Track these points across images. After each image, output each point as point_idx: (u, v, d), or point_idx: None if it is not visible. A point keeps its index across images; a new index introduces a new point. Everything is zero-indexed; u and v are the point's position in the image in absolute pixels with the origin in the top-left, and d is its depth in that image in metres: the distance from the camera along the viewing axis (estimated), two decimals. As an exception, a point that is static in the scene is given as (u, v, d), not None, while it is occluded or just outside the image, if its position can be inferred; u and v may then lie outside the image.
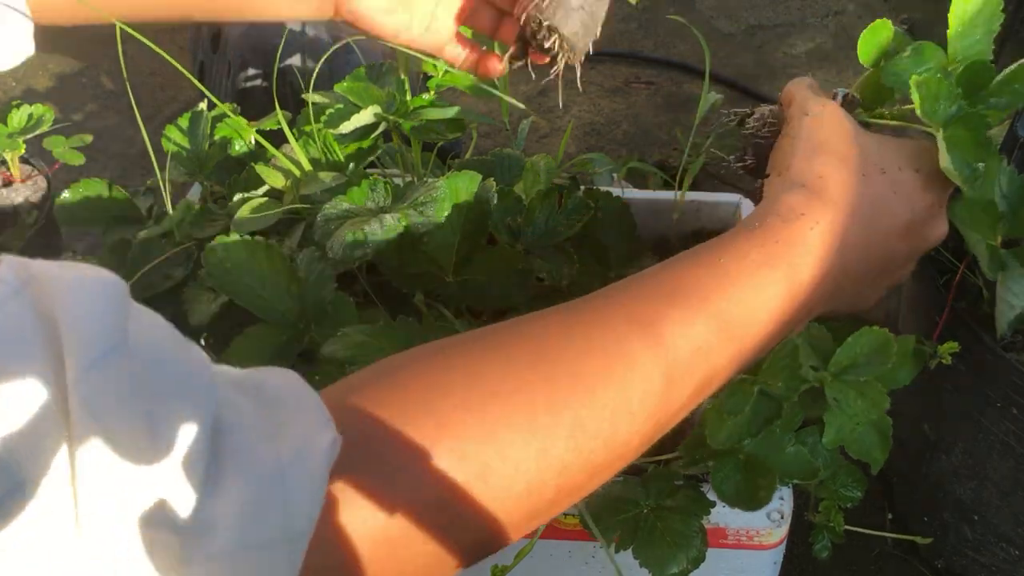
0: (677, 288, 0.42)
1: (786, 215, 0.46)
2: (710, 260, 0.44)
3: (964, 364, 0.69)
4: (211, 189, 0.74)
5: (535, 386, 0.37)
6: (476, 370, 0.37)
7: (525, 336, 0.40)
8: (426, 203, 0.55)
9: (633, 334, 0.40)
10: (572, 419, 0.37)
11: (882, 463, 0.58)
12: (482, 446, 0.35)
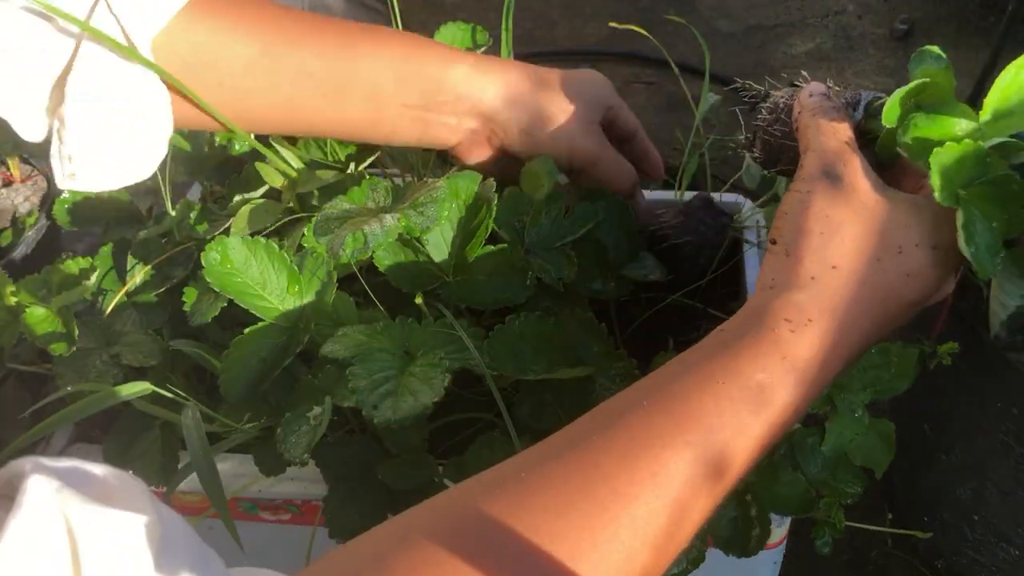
0: (678, 426, 0.40)
1: (795, 321, 0.43)
2: (712, 385, 0.41)
3: (964, 364, 0.69)
4: (211, 189, 0.74)
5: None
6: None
7: (522, 512, 0.38)
8: (426, 203, 0.55)
9: (638, 494, 0.38)
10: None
11: (885, 467, 0.58)
12: None
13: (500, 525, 0.37)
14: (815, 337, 0.43)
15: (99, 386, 0.55)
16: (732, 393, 0.41)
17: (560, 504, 0.38)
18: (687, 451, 0.39)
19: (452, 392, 0.54)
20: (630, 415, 0.41)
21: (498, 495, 0.38)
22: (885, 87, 0.52)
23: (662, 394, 0.42)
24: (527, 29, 1.73)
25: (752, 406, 0.41)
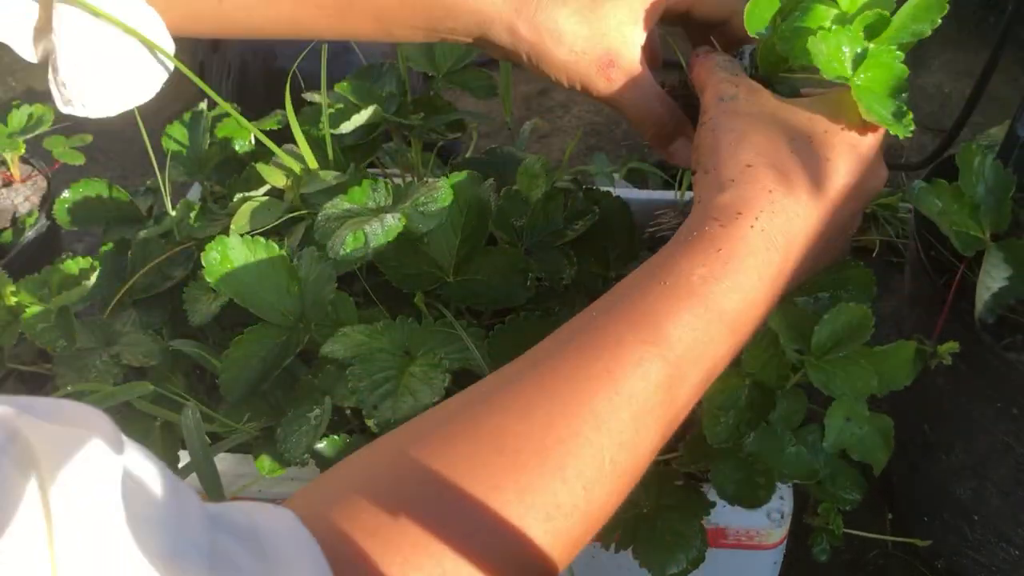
0: (631, 326, 0.41)
1: (723, 218, 0.44)
2: (656, 285, 0.43)
3: (964, 364, 0.69)
4: (211, 189, 0.74)
5: (504, 479, 0.37)
6: (442, 477, 0.37)
7: (487, 416, 0.39)
8: (426, 203, 0.55)
9: (597, 390, 0.39)
10: (545, 503, 0.37)
11: (884, 463, 0.58)
12: (458, 561, 0.35)
13: (465, 434, 0.38)
14: (744, 226, 0.44)
15: (99, 386, 0.55)
16: (678, 292, 0.42)
17: (522, 407, 0.39)
18: (640, 347, 0.40)
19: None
20: (586, 329, 0.42)
21: (464, 414, 0.40)
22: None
23: (613, 304, 0.43)
24: (527, 29, 1.73)
25: (696, 300, 0.42)
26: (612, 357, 0.40)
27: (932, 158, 1.07)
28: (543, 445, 0.38)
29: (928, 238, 0.75)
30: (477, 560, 0.35)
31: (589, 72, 0.53)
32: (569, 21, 0.52)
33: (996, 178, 0.64)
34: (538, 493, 0.37)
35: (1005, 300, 0.63)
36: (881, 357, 0.56)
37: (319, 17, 0.54)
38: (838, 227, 0.48)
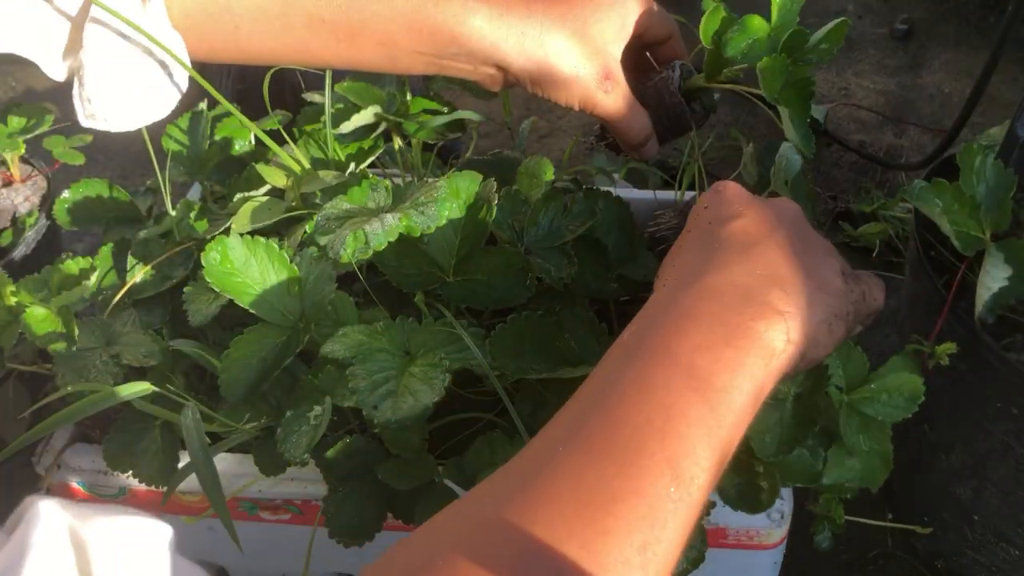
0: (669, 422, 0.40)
1: (768, 316, 0.44)
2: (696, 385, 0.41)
3: (964, 364, 0.69)
4: (211, 189, 0.74)
5: (592, 541, 0.36)
6: (529, 536, 0.36)
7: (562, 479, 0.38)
8: (426, 203, 0.55)
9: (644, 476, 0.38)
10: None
11: (881, 483, 0.59)
12: None
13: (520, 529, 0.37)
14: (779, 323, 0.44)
15: (99, 386, 0.55)
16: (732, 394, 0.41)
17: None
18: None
19: (452, 392, 0.54)
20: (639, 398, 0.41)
21: (516, 497, 0.38)
22: (885, 87, 0.53)
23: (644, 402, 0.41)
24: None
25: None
26: (662, 429, 0.39)
27: (932, 158, 1.07)
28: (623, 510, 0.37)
29: (928, 238, 0.75)
30: None
31: (589, 85, 0.59)
32: (568, 42, 0.58)
33: (997, 178, 0.64)
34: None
35: (1005, 300, 0.63)
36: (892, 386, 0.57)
37: (330, 43, 0.58)
38: (831, 306, 0.48)
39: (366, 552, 0.59)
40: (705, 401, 0.40)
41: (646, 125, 0.63)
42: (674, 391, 0.40)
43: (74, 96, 0.55)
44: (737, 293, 0.44)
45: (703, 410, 0.40)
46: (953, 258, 0.71)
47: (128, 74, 0.54)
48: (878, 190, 1.34)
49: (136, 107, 0.55)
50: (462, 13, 0.57)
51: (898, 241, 1.22)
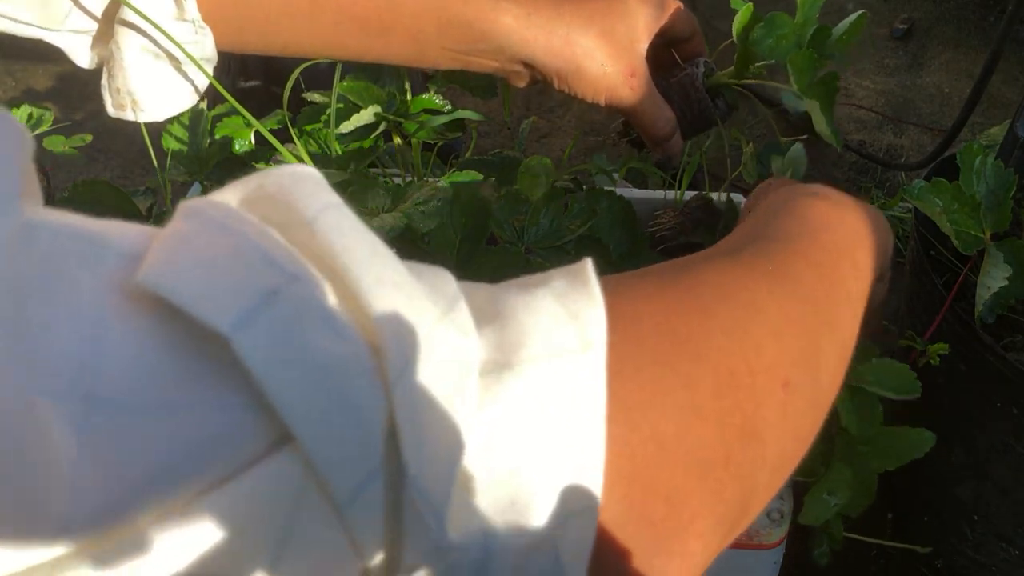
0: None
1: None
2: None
3: (964, 364, 0.69)
4: (211, 189, 0.74)
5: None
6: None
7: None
8: (426, 203, 0.55)
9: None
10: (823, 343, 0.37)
11: (863, 508, 0.59)
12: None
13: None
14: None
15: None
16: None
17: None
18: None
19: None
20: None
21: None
22: (885, 87, 0.53)
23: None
24: (527, 29, 1.73)
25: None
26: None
27: (932, 158, 1.07)
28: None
29: (928, 238, 0.75)
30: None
31: (616, 83, 0.61)
32: (596, 42, 0.60)
33: (997, 178, 0.64)
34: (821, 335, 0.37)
35: (1005, 300, 0.63)
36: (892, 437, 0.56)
37: (360, 37, 0.59)
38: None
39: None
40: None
41: (671, 120, 0.65)
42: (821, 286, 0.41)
43: (103, 87, 0.56)
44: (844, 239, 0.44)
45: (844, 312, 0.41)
46: (953, 258, 0.71)
47: (158, 65, 0.55)
48: (878, 190, 1.34)
49: (166, 96, 0.57)
50: (493, 11, 0.58)
51: (898, 241, 1.22)
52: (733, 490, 0.30)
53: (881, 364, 0.55)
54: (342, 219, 0.23)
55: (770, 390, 0.33)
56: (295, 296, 0.21)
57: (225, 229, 0.22)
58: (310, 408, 0.19)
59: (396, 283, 0.23)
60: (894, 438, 0.56)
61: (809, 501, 0.56)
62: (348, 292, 0.22)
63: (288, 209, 0.24)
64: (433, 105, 0.70)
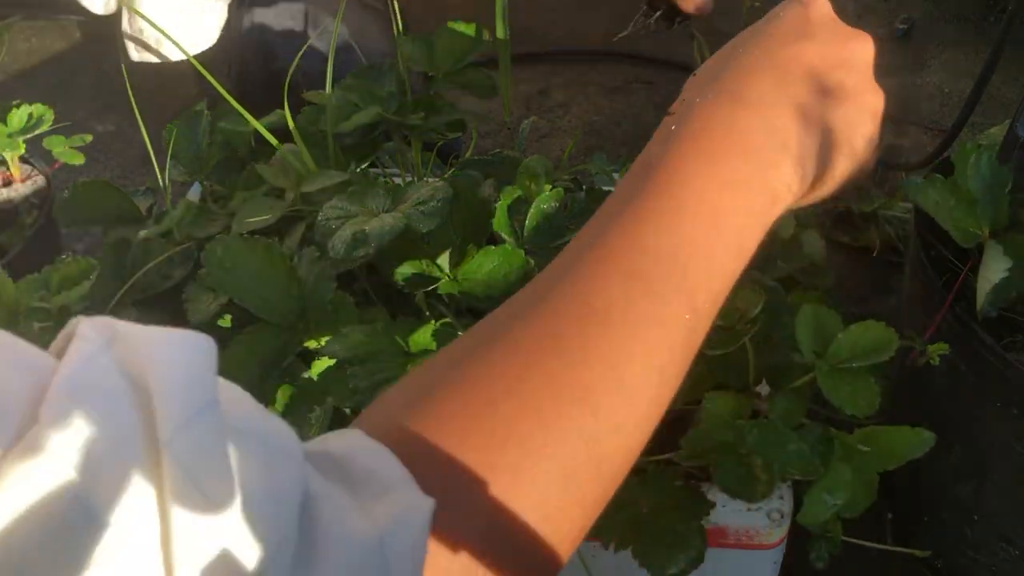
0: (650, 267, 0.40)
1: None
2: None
3: (964, 364, 0.69)
4: (211, 189, 0.74)
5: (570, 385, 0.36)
6: (508, 375, 0.36)
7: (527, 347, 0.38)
8: (426, 203, 0.55)
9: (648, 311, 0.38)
10: (606, 406, 0.37)
11: (864, 508, 0.58)
12: (533, 452, 0.35)
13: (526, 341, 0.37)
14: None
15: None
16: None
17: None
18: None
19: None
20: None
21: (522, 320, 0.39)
22: (885, 87, 0.53)
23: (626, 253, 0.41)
24: (527, 27, 1.73)
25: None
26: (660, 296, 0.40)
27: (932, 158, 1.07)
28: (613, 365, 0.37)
29: (928, 237, 0.75)
30: (550, 462, 0.35)
31: None
32: None
33: (993, 175, 0.64)
34: (603, 410, 0.36)
35: (1006, 293, 0.63)
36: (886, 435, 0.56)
37: None
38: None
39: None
40: (722, 241, 0.41)
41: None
42: (699, 227, 0.40)
43: (124, 30, 0.56)
44: (761, 137, 0.44)
45: (719, 248, 0.41)
46: (953, 257, 0.71)
47: (179, 5, 0.54)
48: (878, 190, 1.34)
49: (186, 36, 0.57)
50: None
51: (898, 241, 1.22)
52: None
53: (849, 334, 0.54)
54: (194, 448, 0.26)
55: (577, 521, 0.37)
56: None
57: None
58: None
59: (211, 544, 0.25)
60: (894, 438, 0.55)
61: (808, 501, 0.56)
62: (167, 542, 0.25)
63: (153, 408, 0.26)
64: (433, 105, 0.70)
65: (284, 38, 1.12)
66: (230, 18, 1.17)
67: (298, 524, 0.28)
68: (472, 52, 0.69)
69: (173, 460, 0.25)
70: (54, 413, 0.24)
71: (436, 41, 0.70)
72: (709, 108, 0.45)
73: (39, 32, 1.81)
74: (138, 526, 0.24)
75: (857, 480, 0.56)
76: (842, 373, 0.54)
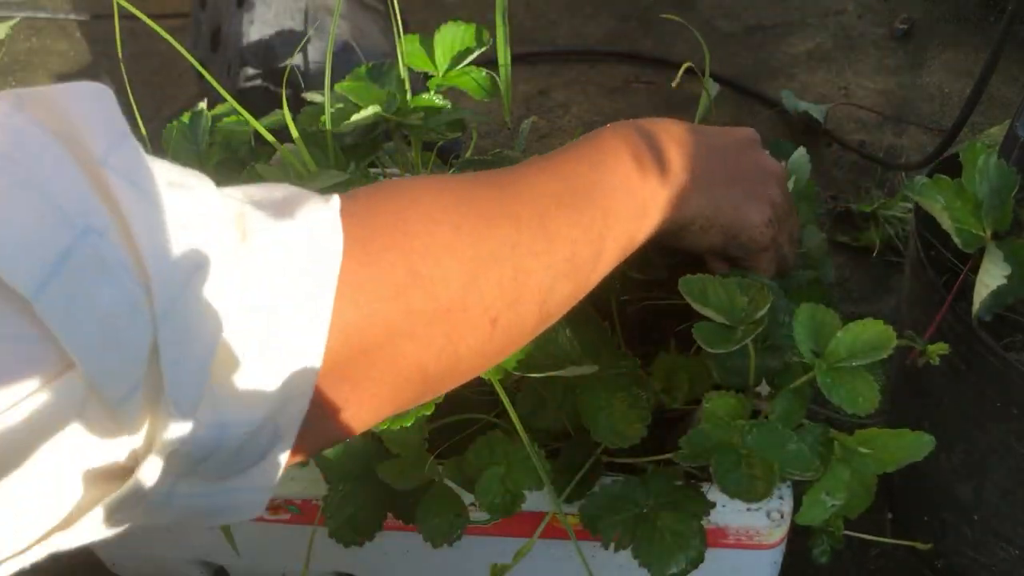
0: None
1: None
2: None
3: (964, 364, 0.69)
4: (211, 189, 0.74)
5: (519, 221, 0.43)
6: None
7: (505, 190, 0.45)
8: (426, 203, 0.55)
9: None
10: (567, 247, 0.44)
11: (861, 511, 0.58)
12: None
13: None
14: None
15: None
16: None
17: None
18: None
19: (452, 392, 0.54)
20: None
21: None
22: (885, 87, 0.53)
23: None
24: (527, 28, 1.73)
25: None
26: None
27: (932, 158, 1.07)
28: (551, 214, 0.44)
29: (928, 238, 0.75)
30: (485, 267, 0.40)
31: None
32: None
33: (1000, 177, 0.64)
34: (526, 239, 0.43)
35: (1004, 299, 0.63)
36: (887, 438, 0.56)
37: None
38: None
39: (366, 552, 0.60)
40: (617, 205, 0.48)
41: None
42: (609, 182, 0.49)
43: None
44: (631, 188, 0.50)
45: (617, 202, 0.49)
46: (953, 258, 0.71)
47: None
48: (878, 190, 1.34)
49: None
50: None
51: (898, 241, 1.22)
52: (416, 392, 0.41)
53: (847, 333, 0.54)
54: (129, 161, 0.29)
55: (478, 325, 0.41)
56: (84, 253, 0.27)
57: (26, 185, 0.27)
58: (91, 346, 0.27)
59: (169, 223, 0.29)
60: (893, 441, 0.55)
61: (807, 501, 0.55)
62: (130, 236, 0.28)
63: (81, 140, 0.29)
64: (433, 105, 0.70)
65: (284, 38, 1.12)
66: (230, 18, 1.17)
67: (235, 224, 0.32)
68: (472, 52, 0.69)
69: (114, 175, 0.28)
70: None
71: (436, 41, 0.70)
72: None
73: (39, 32, 1.81)
74: (110, 228, 0.28)
75: (856, 481, 0.56)
76: (841, 372, 0.54)
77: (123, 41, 0.60)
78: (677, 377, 0.59)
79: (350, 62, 1.06)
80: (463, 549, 0.58)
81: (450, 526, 0.57)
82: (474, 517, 0.57)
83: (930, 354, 0.59)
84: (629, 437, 0.56)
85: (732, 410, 0.54)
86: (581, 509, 0.56)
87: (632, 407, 0.56)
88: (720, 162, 0.55)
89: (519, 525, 0.60)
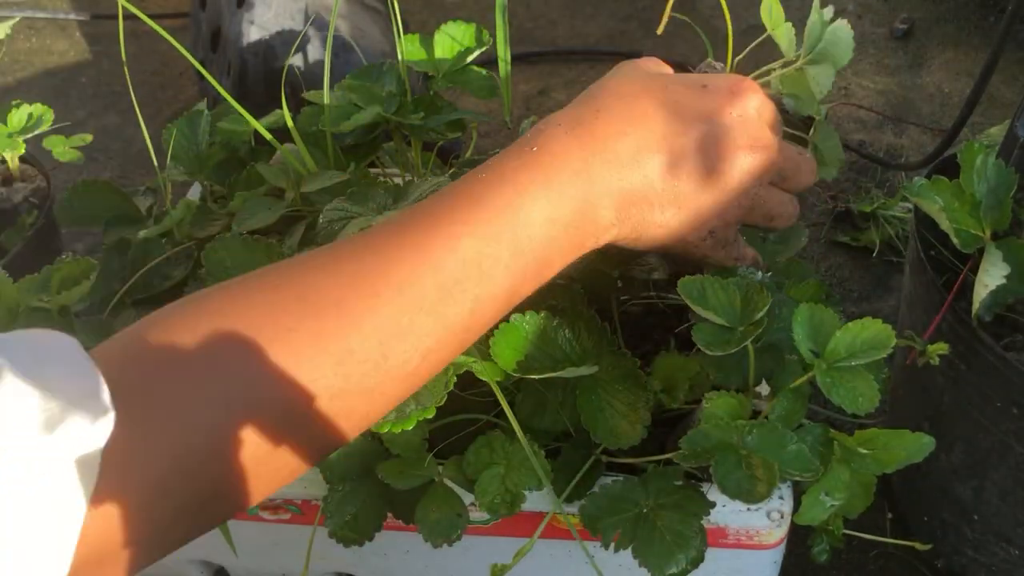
0: (448, 208, 0.45)
1: (545, 127, 0.50)
2: (475, 178, 0.47)
3: (964, 364, 0.69)
4: (211, 189, 0.74)
5: (300, 323, 0.40)
6: (239, 317, 0.40)
7: (300, 275, 0.43)
8: (426, 203, 0.55)
9: (404, 258, 0.43)
10: (339, 348, 0.41)
11: (860, 511, 0.58)
12: (251, 382, 0.39)
13: (271, 286, 0.43)
14: (558, 131, 0.50)
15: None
16: (491, 180, 0.47)
17: (332, 269, 0.43)
18: (452, 226, 0.45)
19: (452, 392, 0.54)
20: (410, 213, 0.46)
21: (276, 272, 0.44)
22: (885, 86, 0.53)
23: (437, 196, 0.47)
24: (527, 28, 1.73)
25: (508, 186, 0.47)
26: (424, 232, 0.44)
27: (932, 158, 1.07)
28: (342, 298, 0.41)
29: (928, 238, 0.75)
30: (269, 386, 0.39)
31: None
32: None
33: (998, 177, 0.64)
34: (332, 339, 0.41)
35: (1003, 299, 0.63)
36: (888, 438, 0.56)
37: None
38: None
39: (366, 552, 0.59)
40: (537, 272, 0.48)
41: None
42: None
43: None
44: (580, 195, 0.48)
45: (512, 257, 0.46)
46: (953, 258, 0.71)
47: None
48: (878, 190, 1.34)
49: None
50: None
51: (898, 241, 1.22)
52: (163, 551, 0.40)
53: (846, 332, 0.54)
54: None
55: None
56: None
57: None
58: None
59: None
60: (893, 441, 0.55)
61: (807, 501, 0.55)
62: None
63: None
64: (433, 105, 0.70)
65: (284, 38, 1.12)
66: (230, 18, 1.17)
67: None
68: (472, 52, 0.69)
69: None
70: None
71: (436, 41, 0.70)
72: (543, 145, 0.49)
73: (39, 32, 1.81)
74: None
75: (855, 482, 0.56)
76: (841, 371, 0.54)
77: (124, 41, 0.60)
78: (677, 377, 0.59)
79: (350, 62, 1.06)
80: (463, 549, 0.58)
81: (450, 526, 0.57)
82: (474, 517, 0.57)
83: (930, 354, 0.59)
84: (629, 437, 0.56)
85: (732, 410, 0.54)
86: (581, 509, 0.56)
87: (632, 407, 0.56)
88: (664, 170, 0.50)
89: (519, 525, 0.60)
